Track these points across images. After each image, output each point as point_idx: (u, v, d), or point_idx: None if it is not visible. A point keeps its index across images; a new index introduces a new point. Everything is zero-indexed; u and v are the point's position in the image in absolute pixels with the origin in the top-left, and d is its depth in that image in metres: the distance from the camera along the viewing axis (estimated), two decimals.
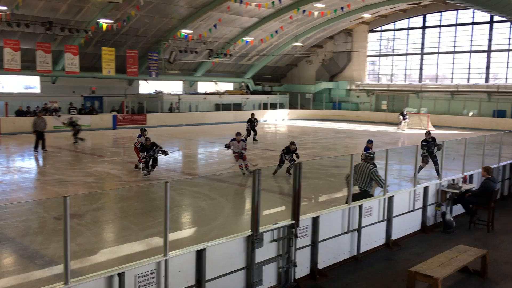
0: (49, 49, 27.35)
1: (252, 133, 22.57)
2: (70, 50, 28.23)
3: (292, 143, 13.88)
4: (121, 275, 4.97)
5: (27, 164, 16.91)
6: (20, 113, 26.54)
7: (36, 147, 18.39)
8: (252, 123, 22.93)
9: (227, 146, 14.15)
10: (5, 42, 25.69)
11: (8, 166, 16.35)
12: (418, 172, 10.98)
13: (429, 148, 13.08)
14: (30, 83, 31.06)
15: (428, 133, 14.33)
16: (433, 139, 13.84)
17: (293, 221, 6.73)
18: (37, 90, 31.08)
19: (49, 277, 6.36)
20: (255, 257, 6.30)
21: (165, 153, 13.65)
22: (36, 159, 17.45)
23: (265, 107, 40.35)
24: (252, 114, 23.81)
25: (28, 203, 10.96)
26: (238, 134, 14.40)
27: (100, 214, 9.97)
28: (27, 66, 26.71)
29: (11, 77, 29.42)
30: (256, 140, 22.38)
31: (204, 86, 41.24)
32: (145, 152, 13.36)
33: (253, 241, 6.24)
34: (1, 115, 26.35)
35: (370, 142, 13.05)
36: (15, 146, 18.60)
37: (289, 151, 13.68)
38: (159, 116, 32.29)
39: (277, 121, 37.48)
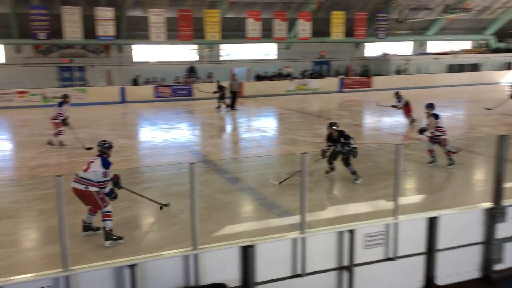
0: (285, 17, 29.33)
1: None
2: (303, 16, 29.70)
3: None
4: (351, 232, 5.17)
5: (264, 123, 18.87)
6: (259, 77, 29.54)
7: (233, 106, 20.70)
8: None
9: (422, 131, 10.47)
10: (248, 13, 28.57)
11: (249, 125, 18.53)
12: None
13: None
14: (267, 50, 34.02)
15: None
16: None
17: None
18: (274, 56, 33.89)
19: (285, 226, 7.02)
20: (496, 232, 5.71)
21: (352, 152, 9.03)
22: (233, 117, 19.48)
23: (509, 67, 35.09)
24: None
25: (266, 158, 12.26)
26: (428, 106, 10.42)
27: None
28: (265, 35, 29.27)
29: (252, 45, 32.74)
30: None
31: (434, 45, 38.20)
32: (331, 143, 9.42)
33: (494, 215, 5.66)
34: (243, 79, 29.81)
35: None
36: (255, 107, 20.96)
37: None
38: (385, 79, 31.44)
39: None
